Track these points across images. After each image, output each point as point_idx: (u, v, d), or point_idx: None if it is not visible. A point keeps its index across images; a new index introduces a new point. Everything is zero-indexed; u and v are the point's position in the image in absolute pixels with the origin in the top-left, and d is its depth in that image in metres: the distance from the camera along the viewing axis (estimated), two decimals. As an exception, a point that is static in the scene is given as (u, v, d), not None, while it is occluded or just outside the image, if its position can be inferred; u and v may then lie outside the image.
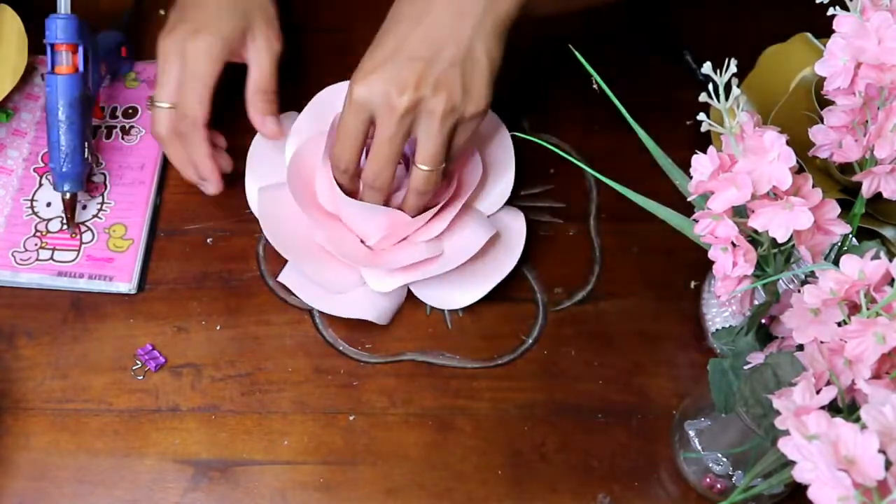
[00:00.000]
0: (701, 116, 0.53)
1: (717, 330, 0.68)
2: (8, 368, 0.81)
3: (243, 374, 0.82)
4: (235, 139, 0.88)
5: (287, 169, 0.83)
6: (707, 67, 0.54)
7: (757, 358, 0.60)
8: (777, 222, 0.50)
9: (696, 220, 0.54)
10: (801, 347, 0.55)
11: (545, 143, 0.65)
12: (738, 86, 0.53)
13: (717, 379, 0.63)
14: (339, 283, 0.82)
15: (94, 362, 0.82)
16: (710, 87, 0.54)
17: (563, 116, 0.94)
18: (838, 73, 0.54)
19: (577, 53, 0.63)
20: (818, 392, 0.50)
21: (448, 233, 0.83)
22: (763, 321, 0.63)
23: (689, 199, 0.56)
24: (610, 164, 0.73)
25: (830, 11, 0.56)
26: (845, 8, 0.56)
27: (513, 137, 0.87)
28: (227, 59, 0.83)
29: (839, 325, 0.52)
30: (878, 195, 0.57)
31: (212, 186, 0.85)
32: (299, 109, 0.89)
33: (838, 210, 0.52)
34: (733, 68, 0.54)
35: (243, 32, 0.84)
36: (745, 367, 0.60)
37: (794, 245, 0.53)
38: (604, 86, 0.61)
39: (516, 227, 0.85)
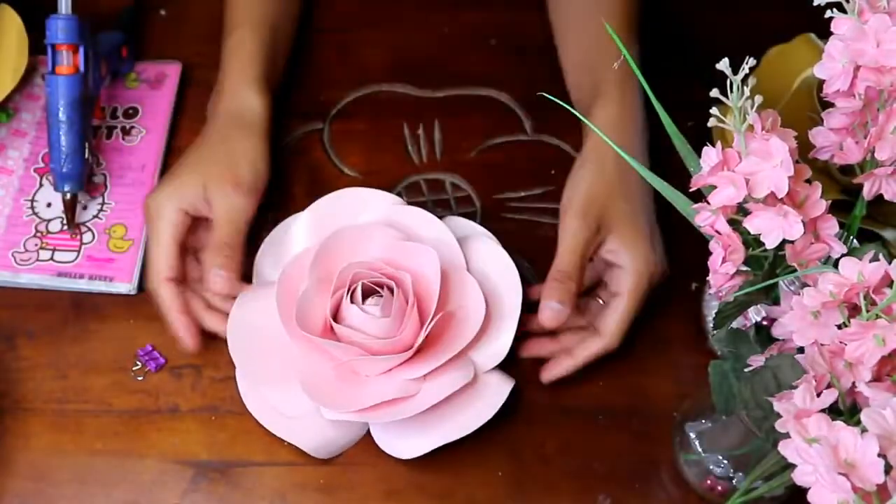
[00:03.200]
0: (713, 111, 0.53)
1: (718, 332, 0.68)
2: (8, 369, 0.81)
3: (243, 374, 0.81)
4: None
5: (278, 279, 0.79)
6: (724, 64, 0.54)
7: (757, 360, 0.60)
8: (770, 228, 0.51)
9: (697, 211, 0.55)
10: (801, 350, 0.55)
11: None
12: (746, 85, 0.53)
13: (717, 381, 0.63)
14: (295, 407, 0.78)
15: (94, 363, 0.82)
16: (728, 84, 0.54)
17: (564, 118, 0.94)
18: (837, 76, 0.54)
19: (610, 30, 0.62)
20: (819, 395, 0.50)
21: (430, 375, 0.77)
22: (763, 322, 0.63)
23: (690, 190, 0.56)
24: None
25: (828, 14, 0.56)
26: (843, 10, 0.56)
27: (514, 139, 0.88)
28: (187, 213, 0.81)
29: (839, 327, 0.52)
30: (879, 197, 0.57)
31: (186, 342, 0.80)
32: (301, 111, 0.89)
33: (837, 229, 0.53)
34: (752, 62, 0.54)
35: (204, 188, 0.81)
36: (746, 370, 0.60)
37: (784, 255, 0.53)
38: (629, 58, 0.61)
39: (499, 389, 0.78)
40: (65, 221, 0.87)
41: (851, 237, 0.58)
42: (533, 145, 0.93)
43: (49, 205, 0.88)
